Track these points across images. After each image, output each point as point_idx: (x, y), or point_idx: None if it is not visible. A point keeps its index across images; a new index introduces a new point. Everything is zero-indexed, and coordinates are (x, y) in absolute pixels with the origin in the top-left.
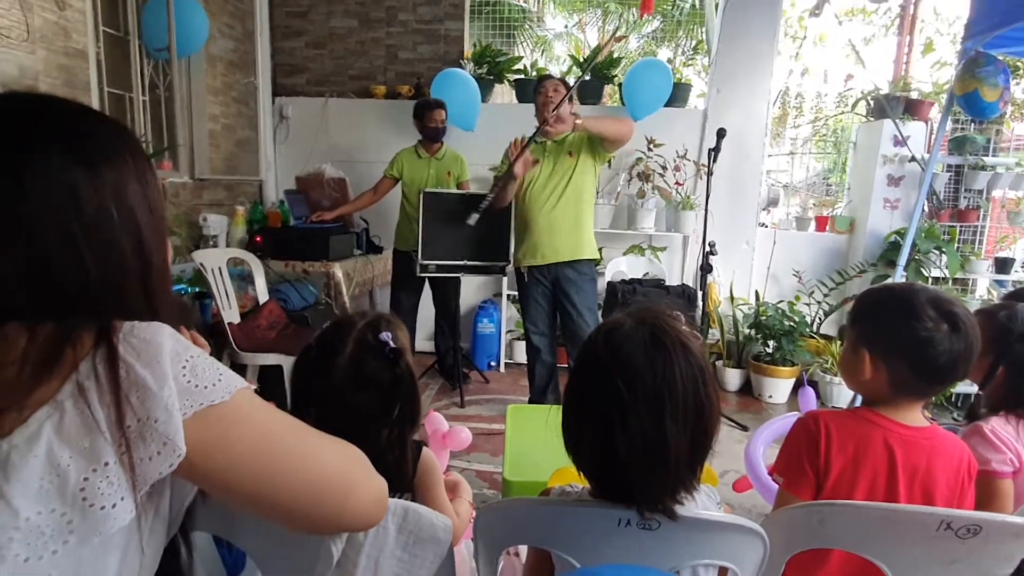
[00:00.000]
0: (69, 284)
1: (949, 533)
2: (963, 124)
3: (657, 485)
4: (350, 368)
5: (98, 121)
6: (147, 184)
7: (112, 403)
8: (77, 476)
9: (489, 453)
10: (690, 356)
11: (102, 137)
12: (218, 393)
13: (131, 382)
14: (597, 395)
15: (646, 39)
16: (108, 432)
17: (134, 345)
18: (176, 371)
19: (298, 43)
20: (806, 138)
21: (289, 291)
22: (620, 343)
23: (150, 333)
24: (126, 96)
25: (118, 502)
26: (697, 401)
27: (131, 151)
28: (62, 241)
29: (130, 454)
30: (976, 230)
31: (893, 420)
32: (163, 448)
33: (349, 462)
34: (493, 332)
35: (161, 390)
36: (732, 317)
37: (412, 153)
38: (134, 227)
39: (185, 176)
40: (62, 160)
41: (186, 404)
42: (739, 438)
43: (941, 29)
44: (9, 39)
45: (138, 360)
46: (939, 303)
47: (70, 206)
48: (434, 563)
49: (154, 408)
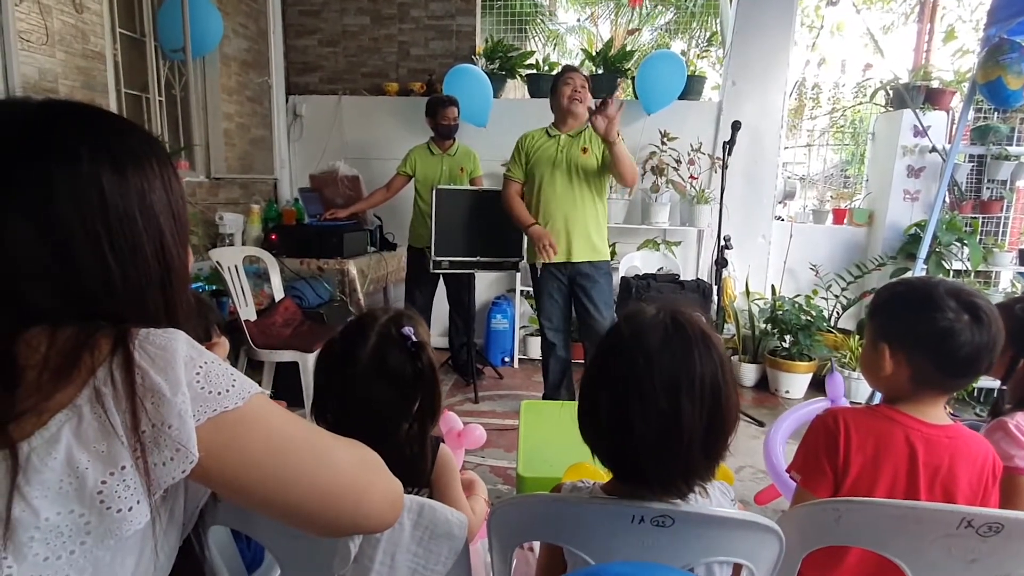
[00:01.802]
0: (92, 285)
1: (970, 531)
2: (986, 113)
3: (671, 465)
4: (372, 361)
5: (127, 128)
6: (172, 191)
7: (128, 408)
8: (95, 479)
9: (503, 449)
10: (710, 345)
11: (130, 143)
12: (231, 399)
13: (146, 388)
14: (616, 373)
15: (660, 31)
16: (124, 437)
17: (149, 351)
18: (190, 377)
19: (311, 41)
20: (823, 129)
21: (304, 288)
22: (642, 325)
23: (165, 340)
24: (143, 97)
25: (134, 505)
26: (715, 387)
27: (158, 158)
28: (87, 242)
29: (145, 459)
30: (999, 221)
31: (914, 418)
32: (176, 454)
33: (363, 465)
34: (507, 328)
35: (175, 396)
36: (748, 312)
37: (425, 150)
38: (157, 232)
39: (201, 175)
40: (91, 164)
41: (200, 410)
42: (755, 434)
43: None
44: (29, 42)
45: (153, 366)
46: (959, 294)
47: (96, 208)
48: (449, 558)
49: (168, 414)
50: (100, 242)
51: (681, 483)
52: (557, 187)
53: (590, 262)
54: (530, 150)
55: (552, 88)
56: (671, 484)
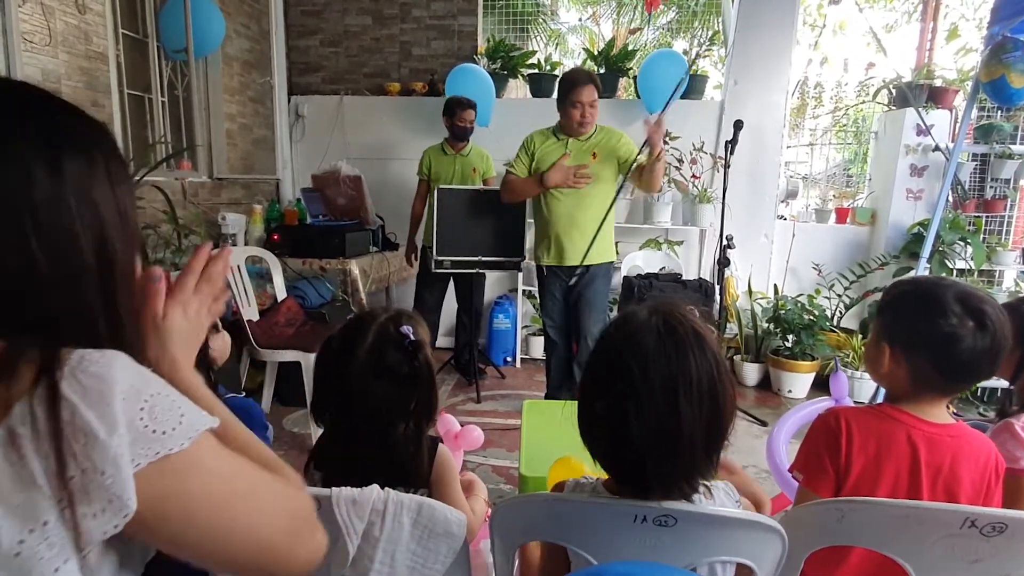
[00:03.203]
0: (13, 279)
1: (973, 531)
2: (989, 112)
3: (672, 468)
4: (369, 358)
5: (71, 114)
6: (118, 187)
7: (52, 452)
8: (11, 539)
9: (505, 449)
10: (704, 344)
11: (73, 129)
12: (177, 439)
13: (75, 427)
14: (611, 380)
15: (661, 31)
16: (47, 485)
17: (81, 381)
18: (132, 414)
19: (313, 41)
20: (826, 129)
21: (306, 288)
22: (634, 330)
23: (102, 367)
24: (145, 97)
25: (61, 566)
26: (711, 386)
27: (104, 150)
28: (6, 225)
29: (73, 509)
30: (1003, 220)
31: (917, 417)
32: (109, 505)
33: (296, 514)
34: (509, 328)
35: (110, 437)
36: (750, 311)
37: (438, 150)
38: (96, 222)
39: (204, 175)
40: (17, 142)
41: (140, 452)
42: (757, 433)
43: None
44: (32, 43)
45: (85, 400)
46: (967, 298)
47: (19, 186)
48: (448, 557)
49: (101, 459)
50: (23, 226)
51: (684, 484)
52: (563, 190)
53: (593, 264)
54: (537, 151)
55: (560, 96)
56: (674, 487)
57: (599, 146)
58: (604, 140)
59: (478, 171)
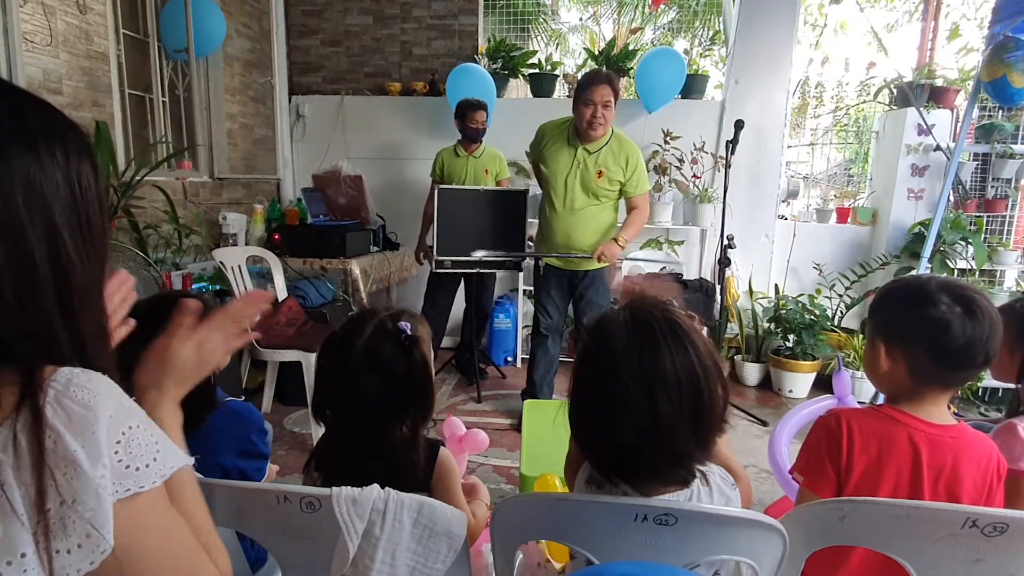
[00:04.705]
0: None
1: (975, 531)
2: (990, 111)
3: (660, 463)
4: (366, 351)
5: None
6: (80, 190)
7: (33, 481)
8: None
9: (506, 448)
10: (681, 335)
11: (29, 124)
12: (150, 476)
13: (59, 456)
14: (589, 385)
15: (662, 30)
16: (25, 515)
17: (67, 409)
18: (110, 445)
19: (314, 41)
20: (827, 128)
21: (307, 288)
22: (605, 331)
23: (88, 394)
24: (146, 97)
25: None
26: (692, 378)
27: (66, 147)
28: None
29: (47, 543)
30: (1004, 220)
31: (918, 418)
32: (86, 540)
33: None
34: (509, 327)
35: (94, 469)
36: (751, 311)
37: (451, 152)
38: (50, 229)
39: (205, 175)
40: None
41: (116, 485)
42: (758, 433)
43: (967, 13)
44: (33, 43)
45: (70, 428)
46: (952, 288)
47: None
48: (448, 556)
49: (83, 490)
50: None
51: (678, 470)
52: (567, 193)
53: (594, 269)
54: (548, 143)
55: (575, 94)
56: (667, 475)
57: (606, 165)
58: (612, 162)
59: (491, 172)
